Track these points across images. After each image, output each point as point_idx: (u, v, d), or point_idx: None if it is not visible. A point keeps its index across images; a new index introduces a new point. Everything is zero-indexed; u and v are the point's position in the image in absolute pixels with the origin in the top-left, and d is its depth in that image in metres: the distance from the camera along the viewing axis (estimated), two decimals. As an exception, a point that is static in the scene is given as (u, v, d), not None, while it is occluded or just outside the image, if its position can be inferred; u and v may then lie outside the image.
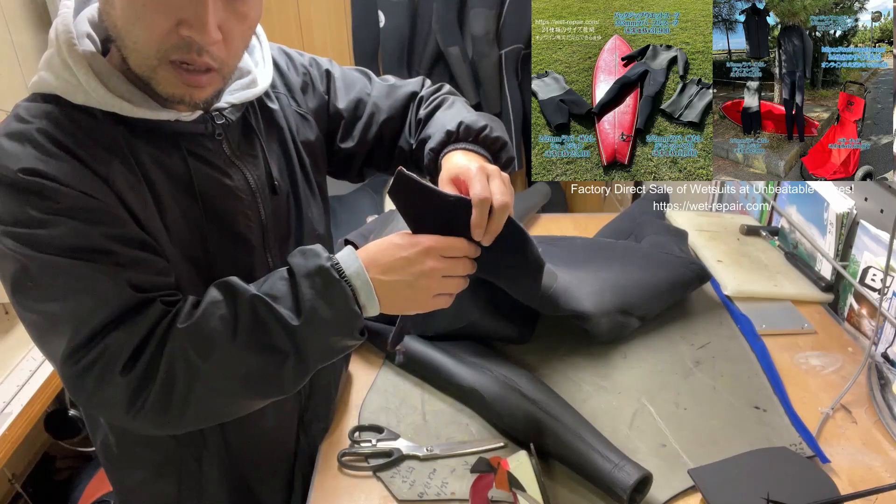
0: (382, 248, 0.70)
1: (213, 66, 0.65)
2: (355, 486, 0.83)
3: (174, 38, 0.62)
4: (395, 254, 0.69)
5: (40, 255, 0.62)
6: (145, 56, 0.63)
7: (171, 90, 0.66)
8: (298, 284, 0.67)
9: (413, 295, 0.70)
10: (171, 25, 0.62)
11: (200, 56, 0.63)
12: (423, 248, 0.69)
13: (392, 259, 0.69)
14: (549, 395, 0.89)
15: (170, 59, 0.63)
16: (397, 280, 0.69)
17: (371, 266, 0.69)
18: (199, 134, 0.73)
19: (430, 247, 0.69)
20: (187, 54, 0.63)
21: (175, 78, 0.65)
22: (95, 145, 0.66)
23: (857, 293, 1.10)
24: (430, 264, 0.69)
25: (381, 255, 0.69)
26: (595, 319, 0.99)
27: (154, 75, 0.65)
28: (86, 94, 0.65)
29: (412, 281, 0.69)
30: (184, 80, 0.65)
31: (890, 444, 0.87)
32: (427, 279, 0.69)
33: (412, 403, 0.95)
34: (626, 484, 0.75)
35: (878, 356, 0.99)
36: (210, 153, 0.74)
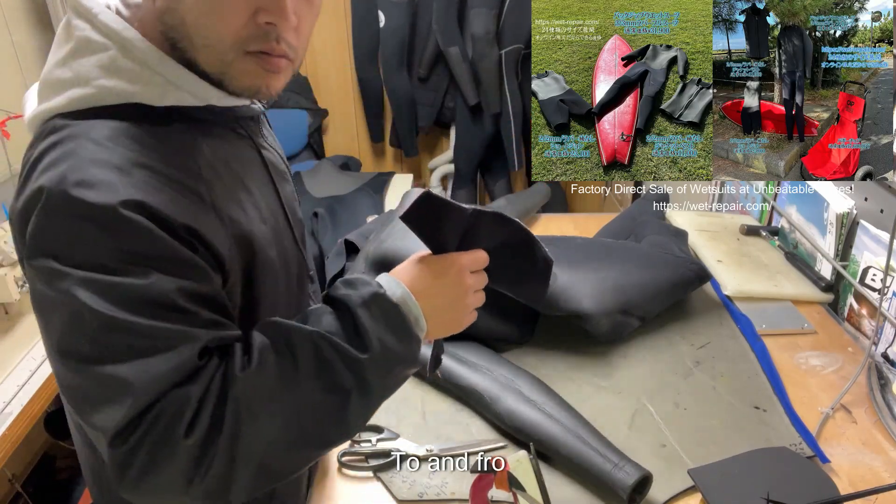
0: (415, 273, 0.67)
1: (289, 55, 0.62)
2: (355, 486, 0.83)
3: (252, 28, 0.58)
4: (432, 278, 0.66)
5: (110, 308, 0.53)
6: (220, 51, 0.59)
7: (248, 82, 0.62)
8: (357, 316, 0.61)
9: (454, 316, 0.69)
10: (249, 14, 0.58)
11: (279, 44, 0.60)
12: (458, 268, 0.67)
13: (430, 283, 0.66)
14: (549, 395, 0.89)
15: (247, 49, 0.60)
16: (439, 304, 0.66)
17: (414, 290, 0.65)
18: (251, 117, 0.72)
19: (462, 265, 0.68)
20: (266, 43, 0.60)
21: (255, 67, 0.60)
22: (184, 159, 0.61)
23: (857, 293, 1.10)
24: (467, 282, 0.68)
25: (417, 281, 0.66)
26: (595, 319, 0.99)
27: (229, 70, 0.60)
28: (176, 90, 0.60)
29: (453, 302, 0.68)
30: (263, 68, 0.61)
31: (890, 444, 0.87)
32: (466, 298, 0.68)
33: (412, 403, 0.95)
34: (626, 484, 0.75)
35: (878, 356, 0.99)
36: (261, 137, 0.74)
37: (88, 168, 0.54)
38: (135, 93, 0.59)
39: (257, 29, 0.59)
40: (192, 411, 0.54)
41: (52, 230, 0.54)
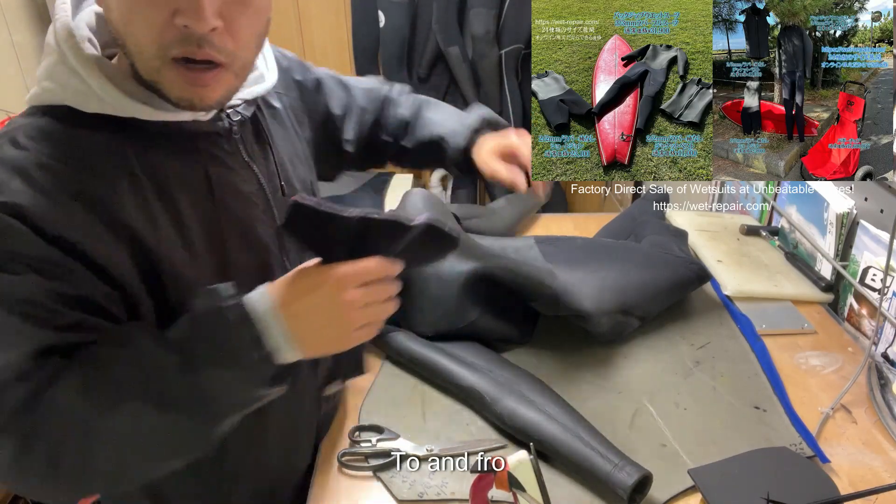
0: (289, 283, 0.62)
1: (218, 60, 0.61)
2: (355, 486, 0.83)
3: (173, 31, 0.58)
4: (303, 293, 0.61)
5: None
6: (148, 57, 0.60)
7: (177, 92, 0.62)
8: (198, 330, 0.60)
9: (335, 334, 0.63)
10: (167, 17, 0.57)
11: (202, 48, 0.59)
12: (334, 282, 0.61)
13: (302, 296, 0.61)
14: (549, 395, 0.89)
15: (171, 55, 0.59)
16: (312, 320, 0.61)
17: (283, 305, 0.61)
18: (216, 133, 0.70)
19: (341, 277, 0.61)
20: (187, 47, 0.59)
21: (180, 78, 0.61)
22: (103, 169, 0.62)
23: (857, 293, 1.10)
24: (344, 297, 0.61)
25: (289, 293, 0.61)
26: (595, 319, 0.99)
27: (160, 78, 0.61)
28: (100, 100, 0.62)
29: (332, 319, 0.62)
30: (187, 79, 0.61)
31: (890, 444, 0.87)
32: (345, 313, 0.62)
33: (412, 403, 0.95)
34: (626, 484, 0.75)
35: (878, 356, 0.99)
36: (227, 154, 0.71)
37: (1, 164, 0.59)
38: (64, 98, 0.62)
39: (178, 32, 0.58)
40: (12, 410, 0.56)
41: None
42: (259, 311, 0.60)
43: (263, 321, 0.60)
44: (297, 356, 0.63)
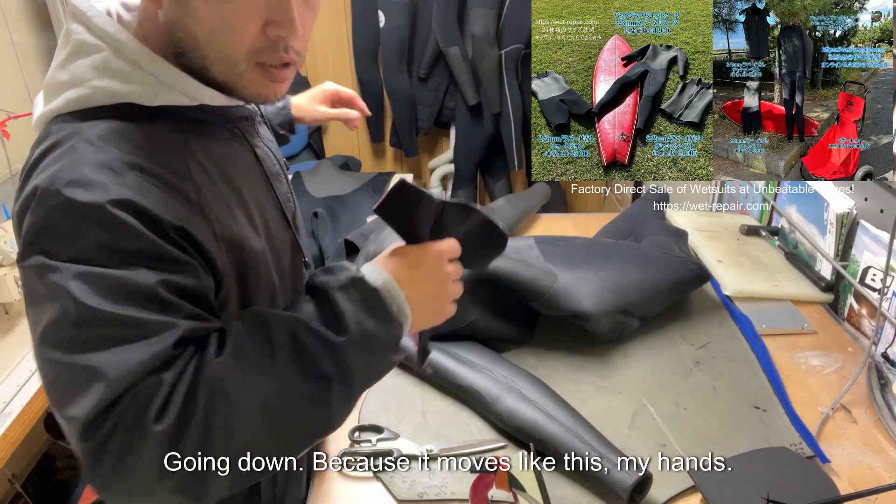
0: (395, 262, 0.66)
1: (294, 61, 0.64)
2: (355, 486, 0.83)
3: (262, 41, 0.61)
4: (411, 267, 0.65)
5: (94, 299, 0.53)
6: (233, 63, 0.61)
7: (256, 90, 0.64)
8: (335, 300, 0.60)
9: (436, 305, 0.67)
10: (259, 28, 0.60)
11: (287, 53, 0.63)
12: (436, 256, 0.66)
13: (410, 272, 0.65)
14: (548, 395, 0.89)
15: (258, 61, 0.62)
16: (422, 292, 0.65)
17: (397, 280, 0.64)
18: (247, 117, 0.73)
19: (442, 252, 0.66)
20: (276, 54, 0.62)
21: (261, 78, 0.63)
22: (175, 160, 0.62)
23: (857, 293, 1.10)
24: (448, 270, 0.67)
25: (399, 270, 0.65)
26: (595, 319, 0.99)
27: (240, 80, 0.63)
28: (168, 90, 0.62)
29: (436, 290, 0.67)
30: (268, 77, 0.63)
31: (890, 444, 0.87)
32: (448, 285, 0.67)
33: (412, 403, 0.95)
34: (626, 484, 0.75)
35: (878, 356, 0.99)
36: (258, 137, 0.74)
37: (81, 168, 0.56)
38: (127, 93, 0.60)
39: (268, 41, 0.61)
40: (164, 397, 0.53)
41: (45, 227, 0.55)
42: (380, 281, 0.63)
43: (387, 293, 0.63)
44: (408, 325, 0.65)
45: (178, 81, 0.62)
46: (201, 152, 0.65)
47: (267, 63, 0.62)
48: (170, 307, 0.56)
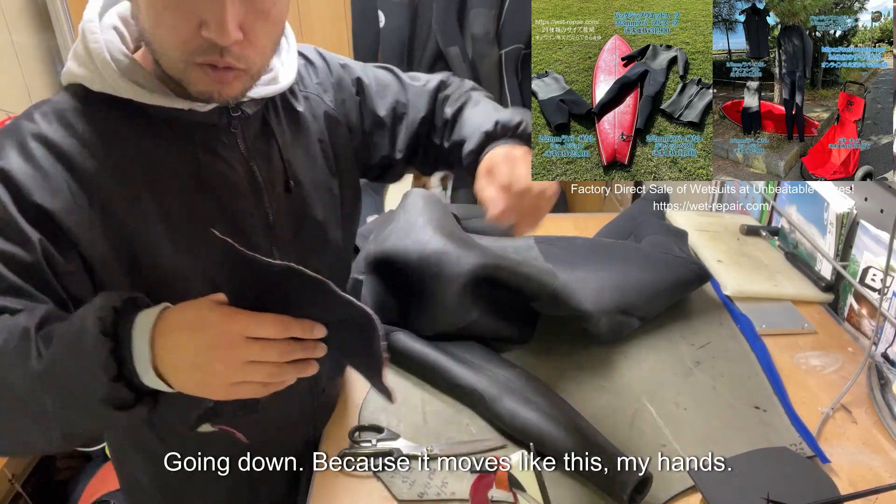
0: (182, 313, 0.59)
1: (237, 67, 0.65)
2: (355, 486, 0.83)
3: (198, 41, 0.62)
4: (187, 325, 0.58)
5: None
6: (173, 59, 0.64)
7: (200, 88, 0.66)
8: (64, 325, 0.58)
9: (204, 379, 0.58)
10: (194, 28, 0.61)
11: (223, 57, 0.63)
12: (222, 328, 0.56)
13: (181, 331, 0.57)
14: (548, 395, 0.89)
15: (195, 61, 0.63)
16: (181, 358, 0.57)
17: (162, 335, 0.57)
18: (214, 126, 0.73)
19: (230, 327, 0.56)
20: (210, 56, 0.63)
21: (204, 77, 0.65)
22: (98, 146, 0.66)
23: (857, 293, 1.10)
24: (227, 347, 0.56)
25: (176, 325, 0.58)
26: (595, 319, 0.99)
27: (185, 76, 0.65)
28: (101, 80, 0.66)
29: (201, 362, 0.57)
30: (211, 78, 0.65)
31: (890, 444, 0.87)
32: (220, 364, 0.56)
33: (412, 403, 0.95)
34: (626, 484, 0.75)
35: (878, 356, 0.99)
36: (223, 146, 0.74)
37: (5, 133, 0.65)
38: (79, 75, 0.67)
39: (203, 42, 0.62)
40: None
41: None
42: (135, 331, 0.57)
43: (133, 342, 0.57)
44: (162, 387, 0.59)
45: (108, 74, 0.66)
46: (135, 147, 0.68)
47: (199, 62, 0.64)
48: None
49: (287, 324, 0.57)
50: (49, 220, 0.63)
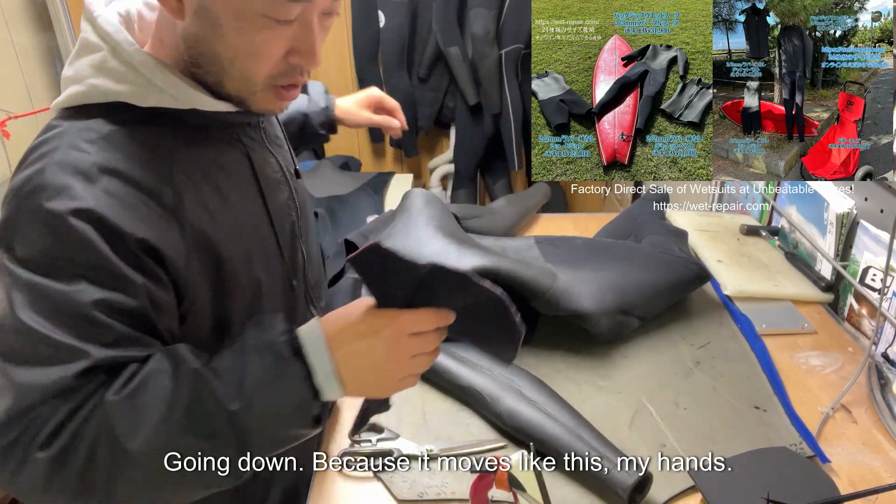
0: (346, 324, 0.61)
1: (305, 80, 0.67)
2: (355, 486, 0.83)
3: (283, 66, 0.63)
4: (361, 335, 0.60)
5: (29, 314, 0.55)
6: (252, 83, 0.64)
7: (266, 106, 0.67)
8: (245, 361, 0.58)
9: (378, 380, 0.62)
10: (282, 54, 0.62)
11: (302, 76, 0.65)
12: (394, 330, 0.60)
13: (358, 340, 0.60)
14: (548, 395, 0.89)
15: (276, 83, 0.64)
16: (364, 364, 0.60)
17: (335, 343, 0.60)
18: (247, 123, 0.73)
19: (399, 327, 0.60)
20: (293, 77, 0.65)
21: (274, 97, 0.66)
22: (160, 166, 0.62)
23: (857, 293, 1.10)
24: (399, 346, 0.60)
25: (346, 334, 0.60)
26: (595, 319, 0.99)
27: (253, 97, 0.65)
28: (159, 92, 0.62)
29: (378, 364, 0.60)
30: (280, 97, 0.66)
31: (890, 444, 0.87)
32: (397, 363, 0.61)
33: (412, 403, 0.95)
34: (626, 484, 0.75)
35: (878, 356, 0.99)
36: (257, 143, 0.74)
37: (55, 171, 0.57)
38: (120, 92, 0.62)
39: (287, 67, 0.63)
40: (54, 425, 0.54)
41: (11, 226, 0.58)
42: (310, 349, 0.59)
43: (314, 360, 0.59)
44: (339, 396, 0.61)
45: (168, 84, 0.62)
46: (189, 156, 0.65)
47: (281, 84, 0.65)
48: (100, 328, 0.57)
49: (436, 316, 0.62)
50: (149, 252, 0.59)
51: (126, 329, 0.58)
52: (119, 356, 0.58)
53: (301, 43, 0.62)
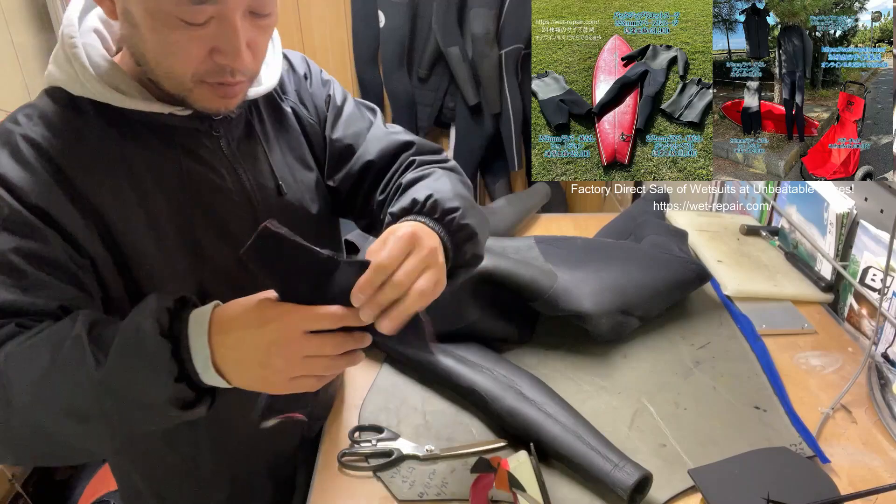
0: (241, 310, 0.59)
1: (243, 80, 0.67)
2: (355, 486, 0.83)
3: (208, 65, 0.64)
4: (246, 322, 0.58)
5: None
6: (180, 81, 0.65)
7: (206, 104, 0.67)
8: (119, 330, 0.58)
9: (264, 375, 0.58)
10: (205, 54, 0.63)
11: (234, 76, 0.65)
12: (280, 324, 0.57)
13: (242, 328, 0.58)
14: (549, 395, 0.89)
15: (204, 81, 0.65)
16: (242, 355, 0.58)
17: (218, 328, 0.58)
18: (196, 130, 0.72)
19: (289, 322, 0.57)
20: (222, 77, 0.65)
21: (211, 94, 0.66)
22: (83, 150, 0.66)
23: (857, 293, 1.10)
24: (288, 343, 0.57)
25: (233, 322, 0.58)
26: (595, 319, 0.99)
27: (190, 94, 0.66)
28: (82, 85, 0.66)
29: (262, 360, 0.57)
30: (217, 94, 0.66)
31: (890, 444, 0.87)
32: (281, 359, 0.57)
33: (412, 403, 0.95)
34: (626, 484, 0.75)
35: (878, 356, 0.99)
36: (206, 150, 0.73)
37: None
38: (59, 79, 0.67)
39: (214, 65, 0.64)
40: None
41: None
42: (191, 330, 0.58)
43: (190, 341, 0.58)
44: (220, 383, 0.59)
45: (87, 78, 0.66)
46: (118, 150, 0.68)
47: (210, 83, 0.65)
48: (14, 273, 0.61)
49: (340, 315, 0.58)
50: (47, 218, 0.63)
51: (44, 275, 0.62)
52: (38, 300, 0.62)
53: (223, 43, 0.62)
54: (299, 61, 0.88)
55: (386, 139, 0.85)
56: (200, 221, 0.72)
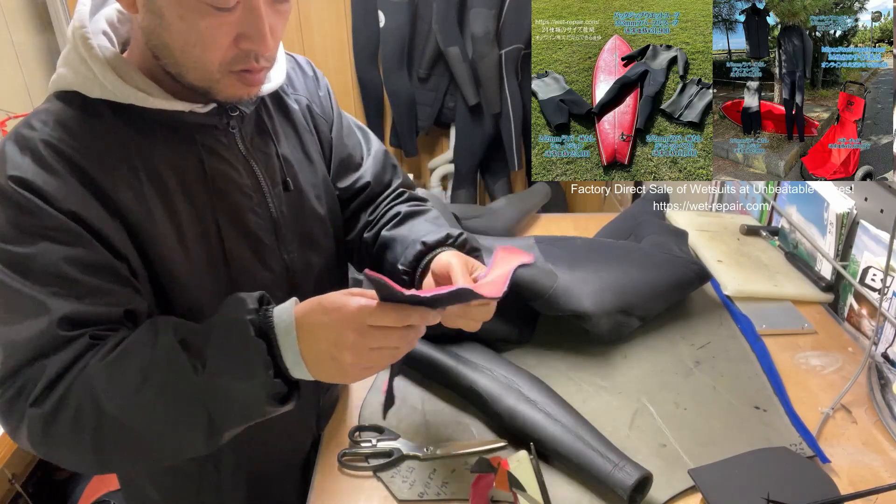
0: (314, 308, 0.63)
1: (267, 66, 0.69)
2: (355, 486, 0.83)
3: (234, 52, 0.64)
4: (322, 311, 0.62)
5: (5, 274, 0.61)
6: (207, 71, 0.65)
7: (232, 93, 0.68)
8: (212, 334, 0.62)
9: (337, 367, 0.62)
10: (230, 41, 0.64)
11: (258, 62, 0.66)
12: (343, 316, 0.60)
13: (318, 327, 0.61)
14: (549, 395, 0.89)
15: (232, 70, 0.65)
16: (320, 351, 0.61)
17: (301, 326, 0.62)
18: (214, 126, 0.73)
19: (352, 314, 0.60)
20: (247, 63, 0.66)
21: (237, 82, 0.67)
22: (103, 152, 0.66)
23: (857, 293, 1.10)
24: (352, 337, 0.60)
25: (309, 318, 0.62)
26: (595, 319, 0.99)
27: (216, 85, 0.67)
28: (101, 86, 0.66)
29: (333, 352, 0.61)
30: (244, 82, 0.67)
31: (890, 444, 0.87)
32: (348, 352, 0.60)
33: (412, 403, 0.95)
34: (626, 484, 0.75)
35: (878, 356, 0.99)
36: (223, 147, 0.74)
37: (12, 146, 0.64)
38: (73, 82, 0.67)
39: (239, 52, 0.65)
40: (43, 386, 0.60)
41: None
42: (279, 330, 0.62)
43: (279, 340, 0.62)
44: (307, 376, 0.63)
45: (108, 80, 0.66)
46: (136, 150, 0.68)
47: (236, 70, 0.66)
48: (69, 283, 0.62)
49: (407, 313, 0.62)
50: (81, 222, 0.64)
51: (95, 280, 0.63)
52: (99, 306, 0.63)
53: (249, 28, 0.63)
54: (305, 63, 0.91)
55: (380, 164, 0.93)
56: (223, 218, 0.74)
